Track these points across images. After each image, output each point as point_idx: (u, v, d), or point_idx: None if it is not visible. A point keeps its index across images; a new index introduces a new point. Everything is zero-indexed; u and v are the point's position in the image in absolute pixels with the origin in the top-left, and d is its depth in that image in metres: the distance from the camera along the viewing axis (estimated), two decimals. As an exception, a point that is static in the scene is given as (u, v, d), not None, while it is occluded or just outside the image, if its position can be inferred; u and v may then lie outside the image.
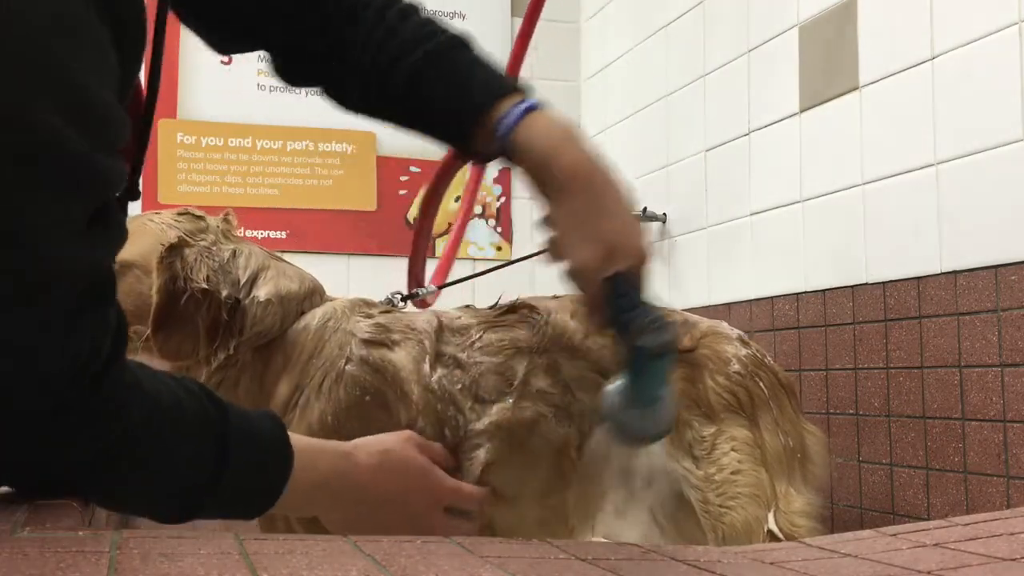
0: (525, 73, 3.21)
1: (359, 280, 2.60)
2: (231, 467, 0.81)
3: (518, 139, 0.93)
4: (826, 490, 1.53)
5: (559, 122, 0.96)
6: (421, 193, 1.61)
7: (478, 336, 1.34)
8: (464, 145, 1.00)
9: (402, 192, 3.01)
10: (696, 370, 1.37)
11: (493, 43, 3.07)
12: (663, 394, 0.94)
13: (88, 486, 0.77)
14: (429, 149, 3.06)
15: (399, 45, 0.97)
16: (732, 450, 1.36)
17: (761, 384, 1.40)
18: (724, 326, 1.46)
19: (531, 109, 0.94)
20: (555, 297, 1.40)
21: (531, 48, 3.20)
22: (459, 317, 1.38)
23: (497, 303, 1.42)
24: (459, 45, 0.99)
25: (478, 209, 3.08)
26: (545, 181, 0.94)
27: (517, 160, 0.95)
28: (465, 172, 3.09)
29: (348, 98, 1.03)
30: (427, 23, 1.00)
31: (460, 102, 0.96)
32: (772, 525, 1.32)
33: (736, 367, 1.39)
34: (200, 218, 1.36)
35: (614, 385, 0.97)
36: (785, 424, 1.40)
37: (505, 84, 0.98)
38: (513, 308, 1.39)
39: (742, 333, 1.46)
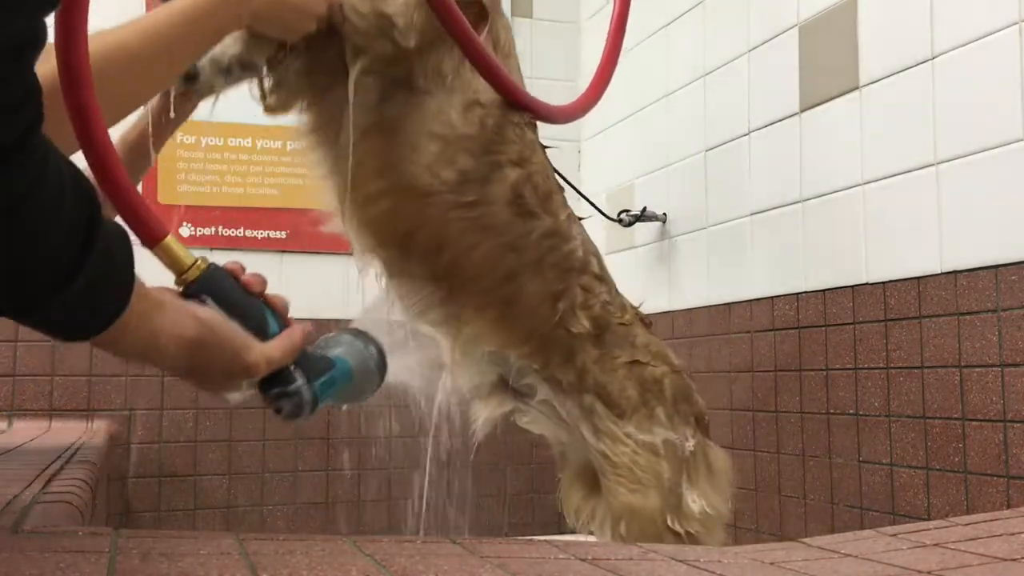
0: (525, 72, 3.21)
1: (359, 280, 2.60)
2: (95, 254, 0.76)
3: None
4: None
5: None
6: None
7: None
8: None
9: (402, 192, 3.01)
10: (606, 356, 1.41)
11: (493, 43, 3.09)
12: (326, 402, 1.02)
13: None
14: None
15: None
16: (631, 439, 1.39)
17: (667, 389, 1.45)
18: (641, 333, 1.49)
19: None
20: None
21: (531, 48, 3.21)
22: None
23: None
24: None
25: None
26: None
27: None
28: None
29: None
30: None
31: None
32: (674, 524, 1.37)
33: (648, 362, 1.43)
34: None
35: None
36: (686, 430, 1.45)
37: None
38: None
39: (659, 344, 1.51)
